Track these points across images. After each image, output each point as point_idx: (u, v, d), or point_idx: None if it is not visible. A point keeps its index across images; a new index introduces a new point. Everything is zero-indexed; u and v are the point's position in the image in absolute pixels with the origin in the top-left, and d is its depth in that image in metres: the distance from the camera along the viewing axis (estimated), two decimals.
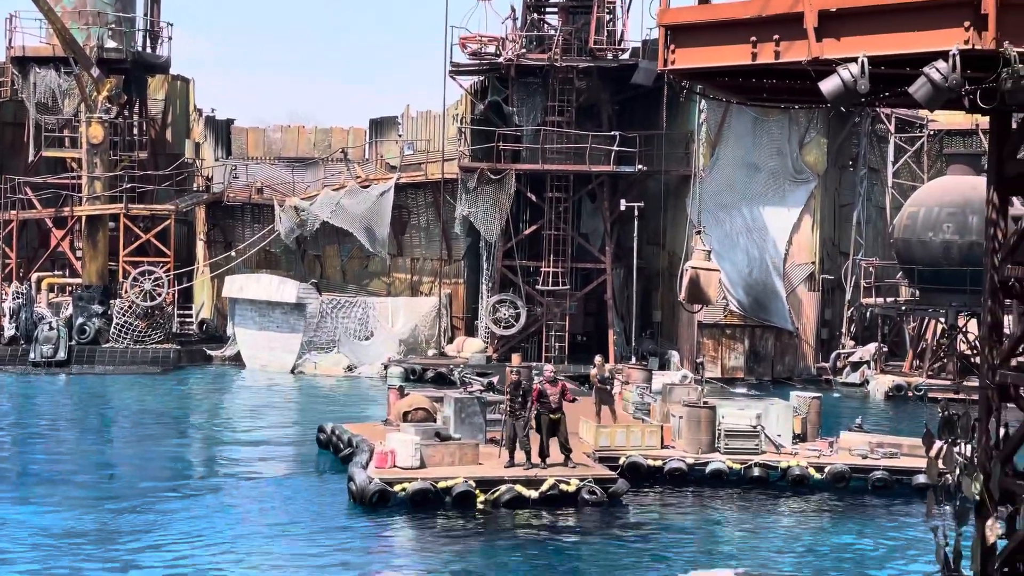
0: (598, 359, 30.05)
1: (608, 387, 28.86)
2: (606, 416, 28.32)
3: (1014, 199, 12.40)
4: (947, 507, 11.95)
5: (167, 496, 25.06)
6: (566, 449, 24.81)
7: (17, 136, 51.51)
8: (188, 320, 49.80)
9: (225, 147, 53.30)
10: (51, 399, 39.12)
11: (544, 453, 24.62)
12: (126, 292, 45.88)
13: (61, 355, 44.15)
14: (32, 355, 44.06)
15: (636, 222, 41.81)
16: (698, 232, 30.20)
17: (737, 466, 26.47)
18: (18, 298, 45.73)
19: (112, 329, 45.60)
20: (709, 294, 29.74)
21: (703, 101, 41.29)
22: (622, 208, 42.42)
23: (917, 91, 10.41)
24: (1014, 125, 12.10)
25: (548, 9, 46.89)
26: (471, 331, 46.88)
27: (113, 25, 48.62)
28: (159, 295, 46.01)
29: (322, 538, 21.83)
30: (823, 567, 21.08)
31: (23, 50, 49.11)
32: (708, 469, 26.43)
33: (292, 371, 44.55)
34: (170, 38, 51.54)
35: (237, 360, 46.08)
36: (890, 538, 23.04)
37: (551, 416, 24.58)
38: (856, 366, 43.51)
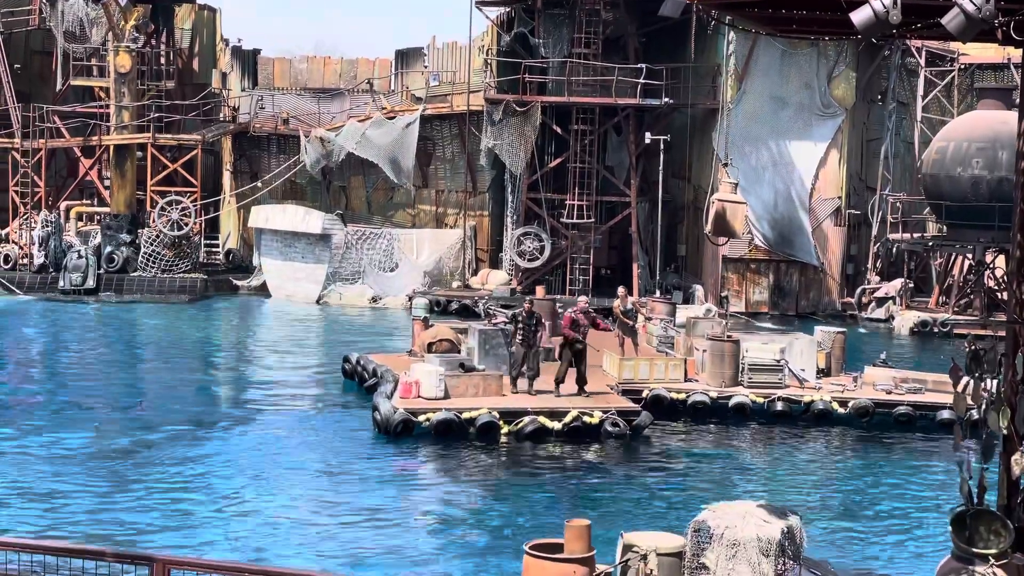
0: (621, 291, 30.07)
1: (630, 320, 28.91)
2: (628, 348, 28.39)
3: None
4: (973, 442, 11.96)
5: (193, 424, 25.31)
6: (583, 380, 25.01)
7: (45, 65, 51.58)
8: (215, 250, 50.06)
9: (251, 77, 53.21)
10: (80, 327, 39.45)
11: (560, 380, 24.88)
12: (153, 221, 46.10)
13: (90, 283, 44.53)
14: (61, 283, 44.44)
15: (662, 155, 41.64)
16: (725, 165, 30.09)
17: (760, 400, 26.51)
18: (47, 226, 46.05)
19: (140, 258, 45.88)
20: (735, 226, 29.71)
21: (731, 33, 40.96)
22: (647, 141, 42.23)
23: (950, 22, 10.29)
24: None
25: None
26: (495, 263, 46.92)
27: None
28: (186, 225, 46.19)
29: (346, 467, 22.04)
30: (846, 501, 21.19)
31: None
32: (731, 403, 26.49)
33: (317, 302, 44.78)
34: None
35: (263, 290, 46.34)
36: (913, 473, 23.11)
37: (577, 346, 24.74)
38: (881, 301, 43.41)
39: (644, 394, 26.43)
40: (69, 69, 49.50)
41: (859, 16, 10.59)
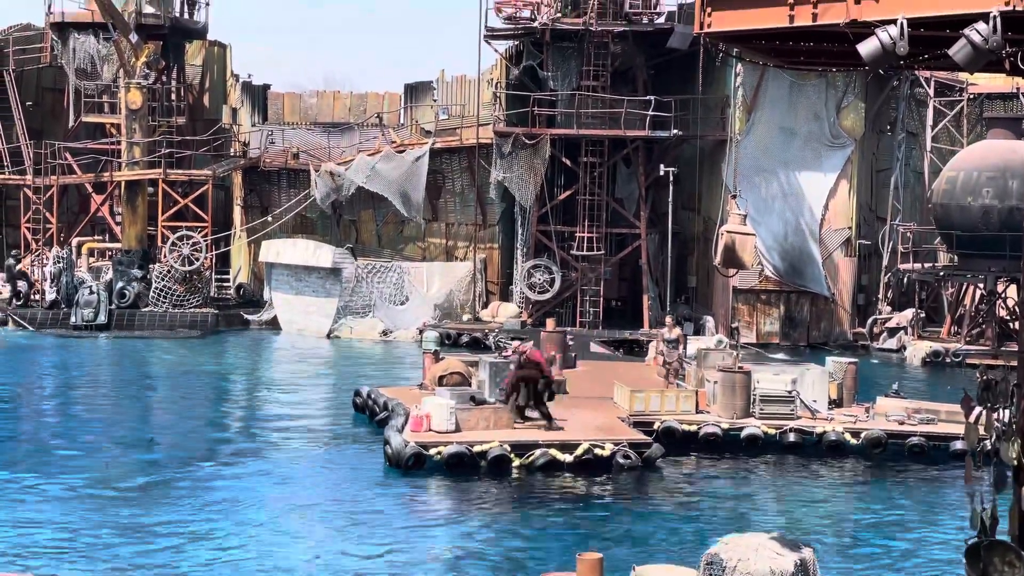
0: (668, 320, 30.43)
1: (664, 348, 29.16)
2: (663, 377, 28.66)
3: None
4: (985, 472, 11.90)
5: (204, 460, 25.29)
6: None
7: (57, 102, 51.86)
8: (226, 285, 50.16)
9: (261, 112, 53.43)
10: (91, 362, 39.49)
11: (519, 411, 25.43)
12: (165, 257, 46.21)
13: (101, 319, 44.56)
14: (73, 319, 44.50)
15: (671, 187, 41.68)
16: (733, 196, 30.13)
17: (772, 431, 26.44)
18: (59, 262, 46.15)
19: (151, 293, 45.97)
20: (744, 258, 29.71)
21: (739, 65, 41.05)
22: (660, 173, 42.28)
23: (957, 53, 10.31)
24: None
25: None
26: (506, 296, 46.95)
27: None
28: (197, 260, 46.30)
29: (358, 501, 21.99)
30: (858, 533, 21.09)
31: (62, 16, 49.48)
32: (743, 434, 26.43)
33: (328, 335, 44.77)
34: (207, 3, 51.82)
35: (274, 324, 46.36)
36: (926, 504, 23.01)
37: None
38: (893, 332, 43.30)
39: (655, 426, 26.40)
40: (81, 106, 49.77)
41: (866, 48, 10.63)
